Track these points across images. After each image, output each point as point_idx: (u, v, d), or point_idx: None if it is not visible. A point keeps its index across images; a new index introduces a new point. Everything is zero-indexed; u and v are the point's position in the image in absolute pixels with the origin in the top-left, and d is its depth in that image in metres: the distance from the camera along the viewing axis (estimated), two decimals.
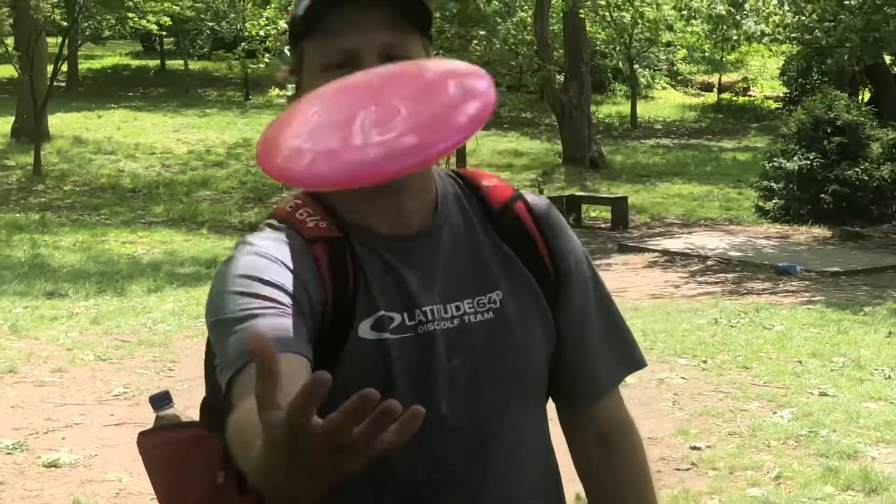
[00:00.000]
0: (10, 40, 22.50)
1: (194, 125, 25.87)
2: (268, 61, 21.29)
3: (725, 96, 34.44)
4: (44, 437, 6.14)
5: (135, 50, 39.03)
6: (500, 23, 20.60)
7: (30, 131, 21.19)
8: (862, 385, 7.16)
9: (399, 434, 1.01)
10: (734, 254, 13.91)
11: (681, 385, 7.24)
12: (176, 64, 34.87)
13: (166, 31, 28.47)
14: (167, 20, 24.97)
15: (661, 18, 29.39)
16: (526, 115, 29.82)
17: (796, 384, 7.19)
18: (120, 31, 30.02)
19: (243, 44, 22.62)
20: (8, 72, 28.02)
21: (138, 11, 23.65)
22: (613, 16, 28.43)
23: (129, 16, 24.23)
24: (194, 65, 35.12)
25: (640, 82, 32.86)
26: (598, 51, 31.73)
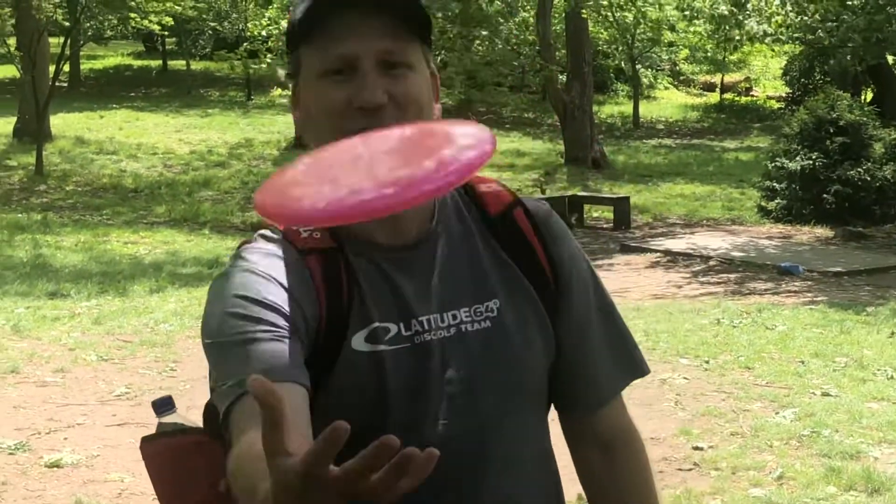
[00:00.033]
0: (12, 40, 22.50)
1: (196, 125, 25.88)
2: (270, 61, 21.36)
3: (728, 96, 34.44)
4: (46, 438, 6.13)
5: (137, 50, 39.06)
6: (502, 23, 20.63)
7: (32, 131, 21.20)
8: (864, 385, 7.16)
9: (415, 478, 0.99)
10: (736, 254, 13.90)
11: (683, 385, 7.23)
12: (178, 64, 34.89)
13: (168, 32, 28.47)
14: (169, 20, 24.97)
15: (663, 18, 29.42)
16: (528, 115, 29.82)
17: (799, 384, 7.19)
18: (122, 31, 30.05)
19: (245, 44, 22.69)
20: (10, 72, 28.06)
21: (140, 11, 23.65)
22: (616, 16, 28.44)
23: (132, 16, 24.24)
24: (196, 65, 35.14)
25: (642, 82, 32.86)
26: (600, 51, 31.73)
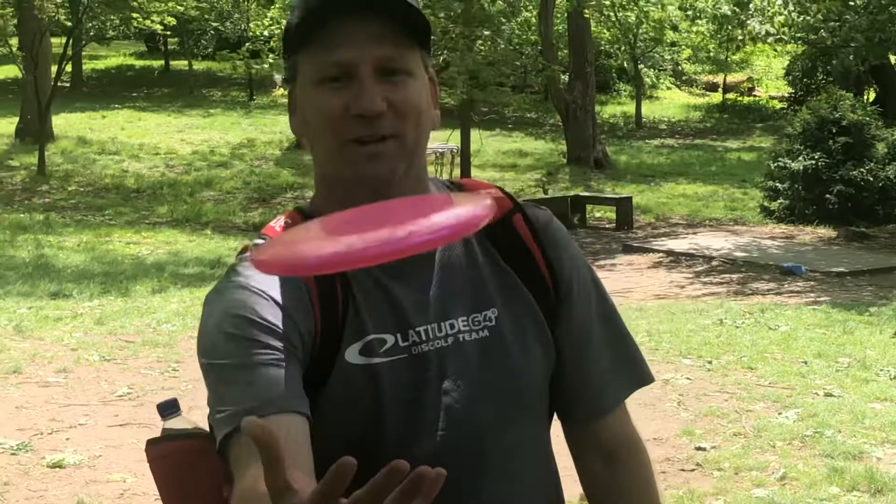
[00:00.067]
0: (14, 41, 22.49)
1: (198, 125, 25.88)
2: (272, 61, 21.34)
3: (730, 96, 34.41)
4: (48, 438, 6.13)
5: (139, 50, 39.05)
6: (504, 23, 20.62)
7: (34, 132, 21.20)
8: (867, 385, 7.15)
9: (428, 499, 0.98)
10: (739, 254, 13.90)
11: (686, 385, 7.23)
12: (180, 64, 34.89)
13: (170, 32, 28.44)
14: (171, 20, 24.95)
15: (665, 18, 29.40)
16: (530, 115, 29.79)
17: (801, 385, 7.18)
18: (124, 31, 30.03)
19: (247, 44, 22.64)
20: (12, 72, 28.08)
21: (142, 12, 23.60)
22: (618, 16, 28.43)
23: (134, 16, 24.19)
24: (198, 65, 35.13)
25: (644, 82, 32.83)
26: (602, 51, 31.70)
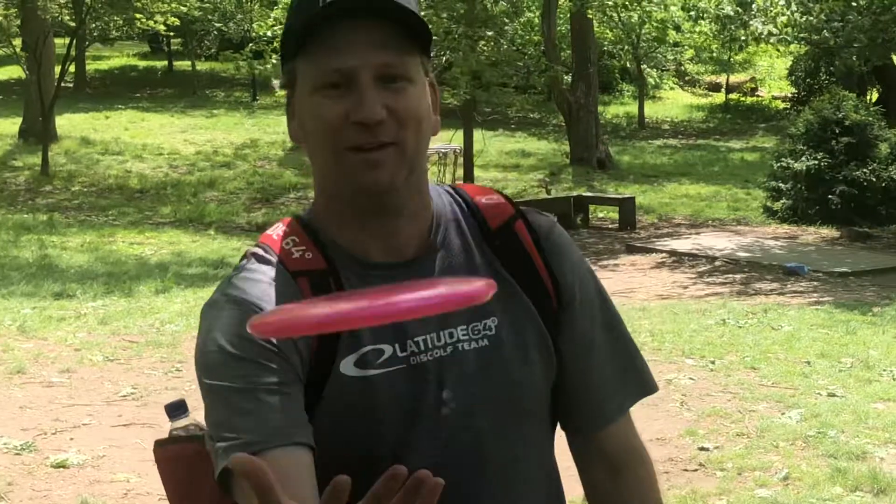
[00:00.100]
0: (17, 41, 22.51)
1: (202, 126, 25.89)
2: (275, 62, 21.32)
3: (733, 97, 34.39)
4: (52, 438, 6.14)
5: (142, 51, 39.08)
6: (507, 23, 20.61)
7: (37, 132, 21.22)
8: (870, 386, 7.15)
9: None
10: (742, 254, 13.89)
11: (689, 386, 7.23)
12: (183, 65, 34.91)
13: (174, 32, 28.50)
14: (175, 21, 24.98)
15: (668, 18, 29.39)
16: (533, 115, 29.80)
17: (804, 385, 7.18)
18: (127, 32, 29.98)
19: (251, 44, 22.65)
20: (15, 73, 28.09)
21: (146, 12, 23.62)
22: (621, 16, 28.41)
23: (137, 16, 24.21)
24: (202, 65, 35.16)
25: (647, 83, 32.81)
26: (605, 51, 31.69)
